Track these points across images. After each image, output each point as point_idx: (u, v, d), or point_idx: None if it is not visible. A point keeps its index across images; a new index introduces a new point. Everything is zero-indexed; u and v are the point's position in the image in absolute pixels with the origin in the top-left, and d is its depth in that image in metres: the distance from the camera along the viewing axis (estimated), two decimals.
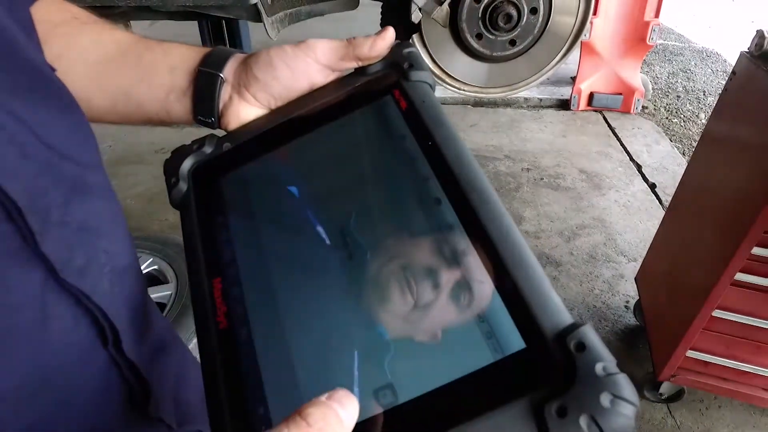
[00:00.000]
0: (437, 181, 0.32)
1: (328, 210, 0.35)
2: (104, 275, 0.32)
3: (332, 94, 0.40)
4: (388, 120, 0.37)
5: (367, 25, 2.72)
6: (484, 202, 0.29)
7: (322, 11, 1.44)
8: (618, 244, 2.13)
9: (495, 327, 0.26)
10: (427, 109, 0.35)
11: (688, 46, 4.39)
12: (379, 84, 0.39)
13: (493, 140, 2.91)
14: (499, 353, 0.25)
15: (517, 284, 0.26)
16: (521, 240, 0.28)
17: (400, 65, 0.38)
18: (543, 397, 0.23)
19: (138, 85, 0.42)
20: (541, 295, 0.25)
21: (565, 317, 0.24)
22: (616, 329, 1.75)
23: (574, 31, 1.45)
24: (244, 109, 0.41)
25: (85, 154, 0.33)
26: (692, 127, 3.14)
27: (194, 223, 0.38)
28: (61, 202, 0.29)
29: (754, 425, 1.47)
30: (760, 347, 1.26)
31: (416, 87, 0.37)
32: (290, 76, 0.40)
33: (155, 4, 1.14)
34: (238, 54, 0.42)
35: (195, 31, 2.53)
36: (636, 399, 0.21)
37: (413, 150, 0.34)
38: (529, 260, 0.27)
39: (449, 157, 0.32)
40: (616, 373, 0.22)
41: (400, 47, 0.39)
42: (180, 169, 0.41)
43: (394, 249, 0.32)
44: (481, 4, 1.29)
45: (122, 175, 2.51)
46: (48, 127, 0.29)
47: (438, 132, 0.34)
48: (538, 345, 0.24)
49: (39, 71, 0.30)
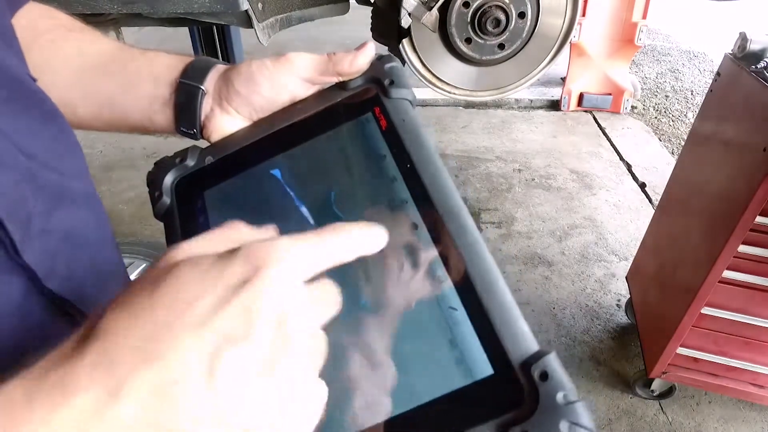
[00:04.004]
0: (414, 206, 0.32)
1: (309, 224, 0.36)
2: (89, 282, 0.32)
3: (313, 108, 0.40)
4: (369, 138, 0.37)
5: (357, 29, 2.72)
6: (460, 229, 0.30)
7: (312, 16, 1.44)
8: (609, 243, 2.16)
9: (465, 352, 0.27)
10: (407, 129, 0.35)
11: (676, 46, 4.44)
12: (360, 100, 0.39)
13: (485, 141, 2.93)
14: (469, 378, 0.27)
15: (487, 312, 0.27)
16: (494, 267, 0.29)
17: (381, 81, 0.38)
18: (508, 421, 0.24)
19: (122, 94, 0.42)
20: (509, 323, 0.27)
21: (532, 345, 0.26)
22: (608, 327, 1.76)
23: (562, 33, 1.46)
24: (225, 120, 0.41)
25: (68, 162, 0.33)
26: (681, 127, 3.18)
27: (178, 236, 0.38)
28: (42, 211, 0.29)
29: (744, 419, 1.49)
30: (748, 343, 1.28)
31: (397, 105, 0.37)
32: (271, 89, 0.40)
33: (146, 11, 1.14)
34: (220, 65, 0.42)
35: (185, 34, 2.52)
36: (592, 426, 0.24)
37: (392, 171, 0.34)
38: (500, 288, 0.28)
39: (427, 181, 0.33)
40: (575, 402, 0.24)
41: (381, 61, 0.39)
42: (163, 183, 0.41)
43: (369, 269, 0.32)
44: (469, 9, 1.30)
45: (114, 180, 2.50)
46: (29, 137, 0.29)
47: (417, 155, 0.34)
48: (505, 372, 0.26)
49: (19, 81, 0.30)
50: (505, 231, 2.23)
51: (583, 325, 1.77)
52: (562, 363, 0.25)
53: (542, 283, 1.96)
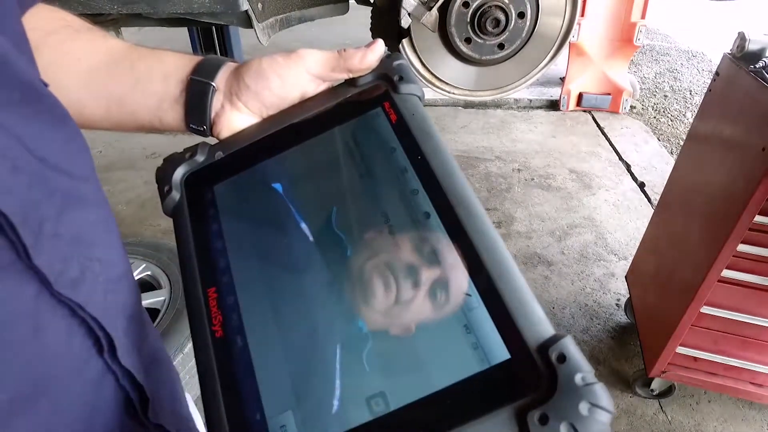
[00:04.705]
0: (426, 195, 0.33)
1: (320, 219, 0.36)
2: (98, 285, 0.32)
3: (323, 105, 0.40)
4: (379, 132, 0.38)
5: (357, 30, 2.73)
6: (471, 216, 0.31)
7: (312, 17, 1.45)
8: (608, 242, 2.16)
9: (481, 338, 0.27)
10: (417, 123, 0.36)
11: (674, 46, 4.44)
12: (369, 96, 0.39)
13: (484, 141, 2.93)
14: (485, 363, 0.27)
15: (502, 297, 0.27)
16: (506, 253, 0.29)
17: (390, 77, 0.39)
18: (526, 405, 0.24)
19: (131, 93, 0.42)
20: (525, 308, 0.27)
21: (548, 329, 0.26)
22: (608, 327, 1.77)
23: (561, 33, 1.46)
24: (235, 117, 0.42)
25: (78, 165, 0.33)
26: (679, 126, 3.18)
27: (188, 231, 0.38)
28: (54, 215, 0.29)
29: (743, 418, 1.50)
30: (747, 342, 1.28)
31: (406, 99, 0.38)
32: (282, 86, 0.40)
33: (146, 11, 1.14)
34: (230, 63, 0.42)
35: (185, 35, 2.53)
36: (612, 407, 0.23)
37: (403, 163, 0.35)
38: (514, 273, 0.28)
39: (438, 171, 0.33)
40: (594, 383, 0.23)
41: (390, 59, 0.40)
42: (173, 178, 0.41)
43: (383, 256, 0.33)
44: (469, 9, 1.30)
45: (114, 181, 2.50)
46: (40, 141, 0.29)
47: (427, 146, 0.35)
48: (522, 356, 0.26)
49: (30, 85, 0.30)
50: (505, 231, 2.23)
51: (583, 325, 1.77)
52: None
53: (542, 282, 1.96)
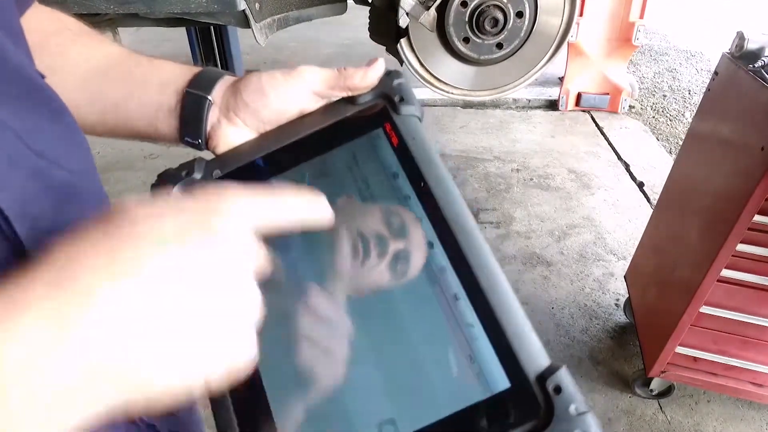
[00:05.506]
0: (430, 225, 0.34)
1: (320, 240, 0.36)
2: None
3: (322, 122, 0.40)
4: (380, 154, 0.37)
5: (355, 30, 2.73)
6: (474, 248, 0.32)
7: (310, 16, 1.44)
8: (607, 242, 2.16)
9: (484, 368, 0.29)
10: (419, 148, 0.36)
11: (673, 45, 4.45)
12: (370, 115, 0.39)
13: (483, 141, 2.93)
14: (487, 392, 0.28)
15: (503, 329, 0.29)
16: (507, 285, 0.31)
17: (391, 97, 0.39)
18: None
19: (127, 100, 0.42)
20: (523, 339, 0.29)
21: (544, 360, 0.28)
22: (607, 327, 1.77)
23: (560, 32, 1.46)
24: (232, 132, 0.41)
25: (76, 160, 0.33)
26: (678, 126, 3.18)
27: None
28: (50, 209, 0.29)
29: (742, 418, 1.49)
30: (746, 342, 1.28)
31: (407, 121, 0.38)
32: (280, 102, 0.40)
33: (142, 11, 1.14)
34: (228, 76, 0.42)
35: (183, 35, 2.52)
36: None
37: (406, 190, 0.35)
38: (514, 305, 0.30)
39: (441, 201, 0.34)
40: (586, 412, 0.26)
41: (390, 77, 0.40)
42: None
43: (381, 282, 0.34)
44: (467, 9, 1.30)
45: (112, 182, 2.49)
46: (37, 135, 0.29)
47: (430, 174, 0.35)
48: (521, 386, 0.28)
49: (27, 79, 0.30)
50: (504, 231, 2.23)
51: (582, 325, 1.77)
52: (570, 374, 0.27)
53: (541, 282, 1.96)
